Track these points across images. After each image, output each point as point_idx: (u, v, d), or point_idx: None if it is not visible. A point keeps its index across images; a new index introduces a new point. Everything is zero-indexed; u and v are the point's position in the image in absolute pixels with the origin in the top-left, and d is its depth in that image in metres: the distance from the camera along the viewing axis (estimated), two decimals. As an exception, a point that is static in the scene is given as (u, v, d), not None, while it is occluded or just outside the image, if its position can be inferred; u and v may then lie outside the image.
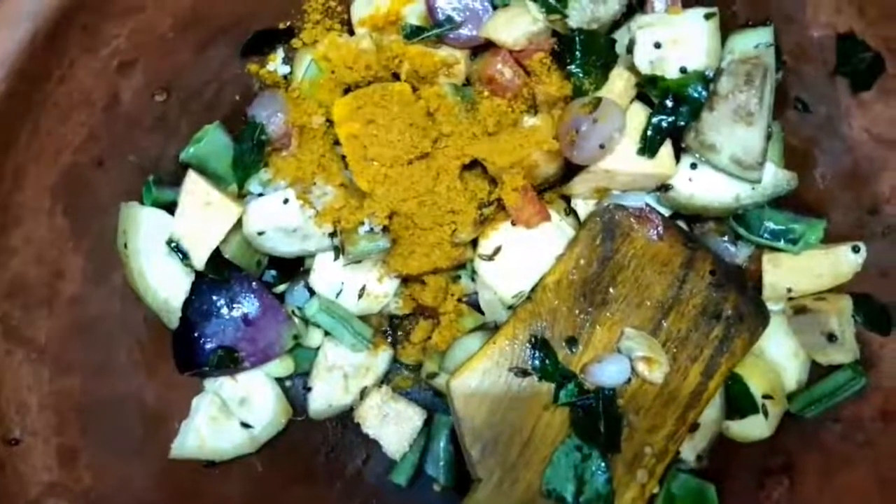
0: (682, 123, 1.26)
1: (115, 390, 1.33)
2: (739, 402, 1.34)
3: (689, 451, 1.35)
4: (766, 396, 1.33)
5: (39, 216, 1.22)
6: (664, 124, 1.26)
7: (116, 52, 1.23)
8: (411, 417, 1.44)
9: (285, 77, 1.42)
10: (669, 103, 1.25)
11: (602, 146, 1.23)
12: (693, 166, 1.29)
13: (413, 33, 1.33)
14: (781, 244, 1.32)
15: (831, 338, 1.29)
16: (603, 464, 1.22)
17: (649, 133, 1.26)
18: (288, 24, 1.40)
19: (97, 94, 1.24)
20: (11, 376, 1.20)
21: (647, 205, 1.29)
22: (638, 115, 1.27)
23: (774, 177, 1.28)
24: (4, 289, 1.19)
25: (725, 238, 1.37)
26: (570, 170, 1.33)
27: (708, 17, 1.24)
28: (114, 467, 1.29)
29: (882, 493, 1.24)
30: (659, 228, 1.28)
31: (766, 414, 1.33)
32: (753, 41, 1.25)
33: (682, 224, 1.37)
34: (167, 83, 1.32)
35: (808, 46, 1.27)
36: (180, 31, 1.29)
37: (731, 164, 1.25)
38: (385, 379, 1.50)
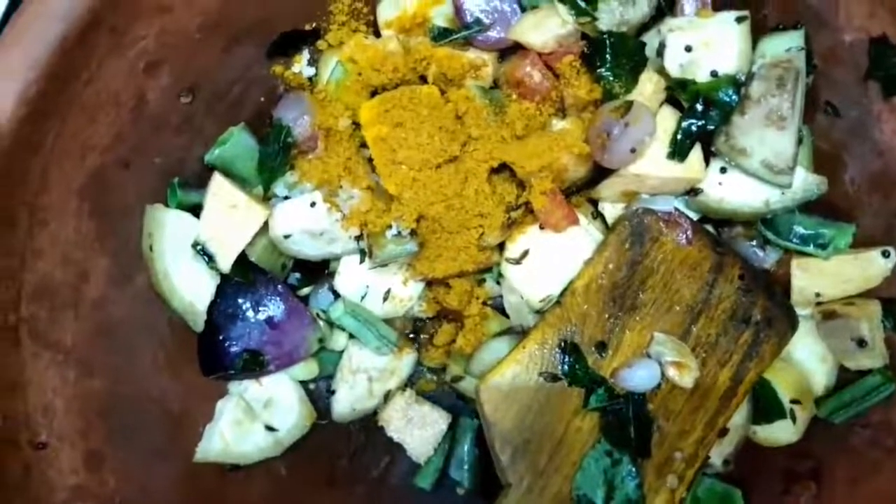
0: (712, 127, 1.25)
1: (139, 393, 1.33)
2: (767, 406, 1.33)
3: (717, 455, 1.34)
4: (794, 401, 1.32)
5: (66, 218, 1.22)
6: (694, 128, 1.25)
7: (143, 53, 1.23)
8: (436, 421, 1.43)
9: (310, 79, 1.42)
10: (700, 107, 1.24)
11: (633, 150, 1.22)
12: (723, 170, 1.29)
13: (440, 35, 1.32)
14: (811, 249, 1.31)
15: (861, 343, 1.28)
16: (633, 469, 1.21)
17: (679, 137, 1.25)
18: (314, 25, 1.39)
19: (124, 95, 1.24)
20: (38, 379, 1.20)
21: (676, 209, 1.29)
22: (668, 119, 1.27)
23: (804, 181, 1.28)
24: (31, 291, 1.19)
25: (754, 243, 1.36)
26: (598, 173, 1.32)
27: (740, 20, 1.23)
28: (139, 471, 1.29)
29: (912, 500, 1.24)
30: (688, 232, 1.27)
31: (793, 419, 1.32)
32: (785, 45, 1.24)
33: (710, 228, 1.36)
34: (193, 84, 1.32)
35: (840, 50, 1.26)
36: (207, 33, 1.29)
37: (761, 169, 1.24)
38: (409, 382, 1.49)
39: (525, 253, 1.32)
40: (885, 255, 1.28)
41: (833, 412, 1.32)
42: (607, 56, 1.26)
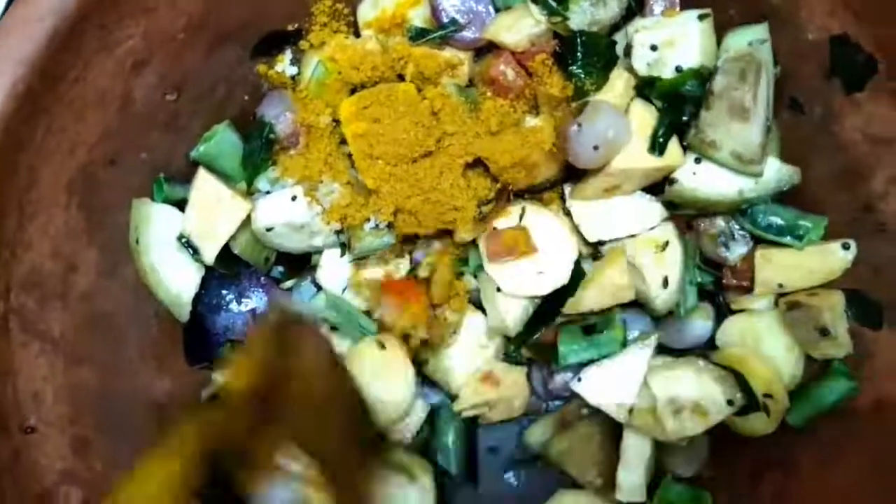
0: (685, 118, 1.30)
1: (126, 383, 1.36)
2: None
3: (687, 468, 1.42)
4: (766, 395, 1.35)
5: (55, 211, 1.25)
6: (669, 121, 1.29)
7: (130, 52, 1.26)
8: (414, 410, 1.46)
9: (293, 78, 1.46)
10: (670, 102, 1.29)
11: (596, 147, 1.25)
12: (697, 161, 1.32)
13: (418, 35, 1.36)
14: (787, 240, 1.34)
15: (824, 332, 1.31)
16: None
17: (656, 132, 1.29)
18: (296, 26, 1.43)
19: (111, 93, 1.27)
20: (28, 367, 1.23)
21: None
22: (641, 113, 1.30)
23: (778, 172, 1.31)
24: (21, 281, 1.22)
25: (721, 239, 1.40)
26: (572, 171, 1.36)
27: (701, 17, 1.27)
28: (126, 457, 1.31)
29: (876, 484, 1.26)
30: None
31: (767, 412, 1.35)
32: (748, 38, 1.28)
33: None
34: (178, 83, 1.35)
35: (803, 48, 1.30)
36: (192, 33, 1.33)
37: (731, 160, 1.27)
38: (389, 373, 1.52)
39: (503, 247, 1.35)
40: (846, 247, 1.31)
41: (805, 421, 1.36)
42: (578, 54, 1.30)
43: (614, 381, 1.36)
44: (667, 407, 1.31)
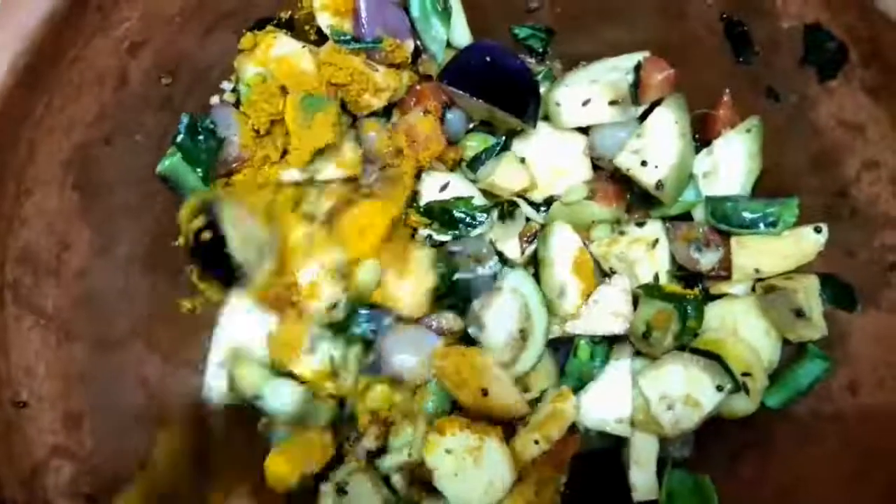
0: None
1: (117, 361, 1.38)
2: (722, 381, 1.39)
3: (684, 449, 1.44)
4: (745, 374, 1.37)
5: (51, 189, 1.27)
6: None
7: (127, 35, 1.29)
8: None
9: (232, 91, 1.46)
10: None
11: None
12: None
13: (344, 42, 1.39)
14: (763, 230, 1.38)
15: (799, 314, 1.34)
16: None
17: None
18: (289, 13, 1.46)
19: (108, 74, 1.29)
20: (21, 341, 1.25)
21: None
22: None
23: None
24: (16, 255, 1.24)
25: (692, 247, 1.43)
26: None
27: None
28: (115, 434, 1.34)
29: (852, 462, 1.30)
30: None
31: (747, 391, 1.38)
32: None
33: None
34: (173, 66, 1.38)
35: (779, 37, 1.34)
36: (186, 17, 1.35)
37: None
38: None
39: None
40: (818, 230, 1.35)
41: (782, 404, 1.40)
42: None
43: (605, 400, 1.40)
44: (660, 405, 1.34)
